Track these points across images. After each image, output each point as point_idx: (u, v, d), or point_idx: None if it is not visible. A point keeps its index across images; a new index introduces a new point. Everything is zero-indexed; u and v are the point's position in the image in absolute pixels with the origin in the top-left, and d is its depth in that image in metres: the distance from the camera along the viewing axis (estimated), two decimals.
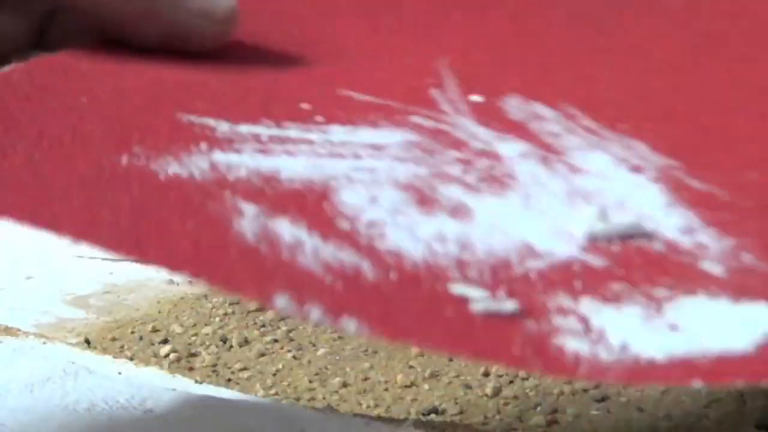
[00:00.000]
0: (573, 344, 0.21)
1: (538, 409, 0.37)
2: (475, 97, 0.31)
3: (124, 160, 0.25)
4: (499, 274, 0.23)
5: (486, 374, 0.41)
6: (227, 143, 0.27)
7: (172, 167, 0.26)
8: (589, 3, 0.38)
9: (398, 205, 0.26)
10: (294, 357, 0.46)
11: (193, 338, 0.49)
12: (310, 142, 0.28)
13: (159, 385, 0.41)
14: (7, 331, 0.49)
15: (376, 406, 0.40)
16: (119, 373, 0.43)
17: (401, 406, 0.40)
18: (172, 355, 0.47)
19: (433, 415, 0.38)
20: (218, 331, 0.49)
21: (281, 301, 0.20)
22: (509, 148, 0.29)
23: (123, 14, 0.30)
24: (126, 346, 0.48)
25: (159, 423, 0.37)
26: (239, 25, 0.32)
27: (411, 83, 0.32)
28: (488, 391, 0.39)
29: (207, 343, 0.48)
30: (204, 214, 0.24)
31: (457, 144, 0.29)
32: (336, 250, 0.23)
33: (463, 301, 0.22)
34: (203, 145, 0.27)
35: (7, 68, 0.28)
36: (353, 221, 0.25)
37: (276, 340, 0.47)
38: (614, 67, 0.34)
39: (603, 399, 0.38)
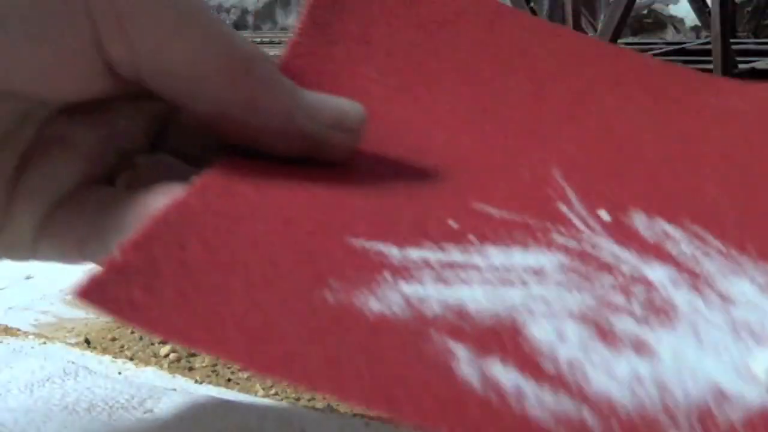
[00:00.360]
0: None
1: None
2: (603, 213, 0.32)
3: (328, 296, 0.25)
4: (705, 423, 0.24)
5: None
6: (406, 272, 0.27)
7: (371, 303, 0.26)
8: (667, 109, 0.38)
9: (585, 340, 0.26)
10: None
11: None
12: (478, 269, 0.28)
13: (159, 385, 0.41)
14: (7, 331, 0.49)
15: None
16: (119, 373, 0.43)
17: None
18: (172, 355, 0.47)
19: None
20: None
21: None
22: (657, 274, 0.29)
23: (260, 131, 0.30)
24: (126, 346, 0.48)
25: (159, 423, 0.37)
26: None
27: (536, 195, 0.33)
28: None
29: None
30: (425, 359, 0.24)
31: (607, 268, 0.30)
32: (554, 397, 0.24)
33: None
34: (387, 275, 0.27)
35: (181, 195, 0.27)
36: (555, 362, 0.25)
37: None
38: (718, 181, 0.34)
39: None
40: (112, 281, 0.23)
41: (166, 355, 0.47)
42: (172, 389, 0.40)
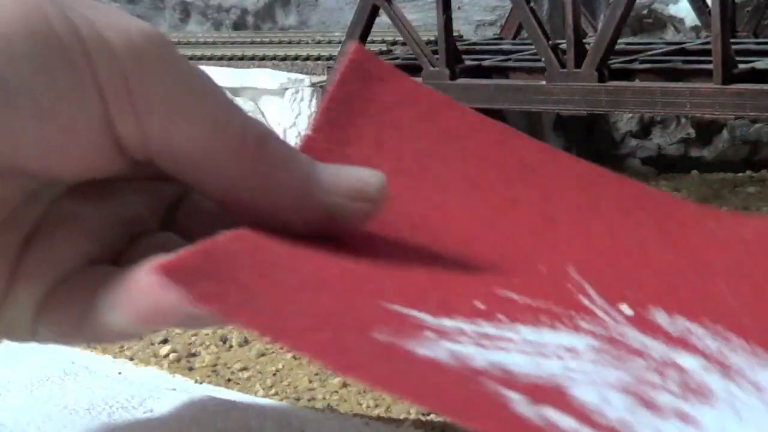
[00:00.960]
0: None
1: None
2: (624, 307, 0.32)
3: (378, 335, 0.25)
4: None
5: None
6: (446, 334, 0.27)
7: (420, 349, 0.26)
8: (669, 232, 0.38)
9: (630, 406, 0.26)
10: (294, 357, 0.46)
11: (193, 338, 0.49)
12: (513, 341, 0.28)
13: (159, 385, 0.41)
14: None
15: (376, 406, 0.40)
16: (119, 373, 0.43)
17: (401, 406, 0.40)
18: (172, 355, 0.47)
19: (433, 415, 0.38)
20: (218, 331, 0.49)
21: None
22: (688, 361, 0.30)
23: (276, 208, 0.29)
24: (126, 346, 0.48)
25: (159, 423, 0.37)
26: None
27: (556, 287, 0.33)
28: None
29: (207, 343, 0.48)
30: (478, 393, 0.24)
31: (638, 353, 0.29)
32: None
33: None
34: (429, 334, 0.27)
35: (201, 243, 0.26)
36: (606, 418, 0.25)
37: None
38: (725, 285, 0.34)
39: None
40: (195, 269, 0.24)
41: (166, 355, 0.47)
42: (172, 389, 0.40)
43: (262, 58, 1.39)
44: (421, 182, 0.36)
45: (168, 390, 0.40)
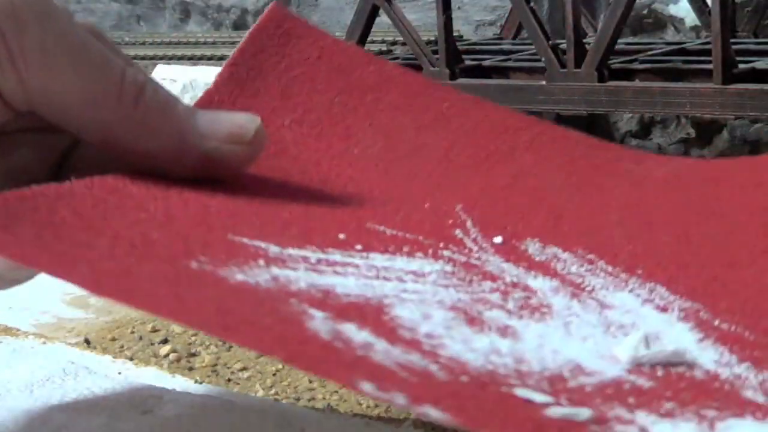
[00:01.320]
0: None
1: None
2: (497, 239, 0.34)
3: (194, 264, 0.27)
4: (556, 385, 0.25)
5: None
6: (281, 262, 0.29)
7: (237, 276, 0.27)
8: (581, 167, 0.40)
9: (450, 322, 0.27)
10: None
11: (193, 338, 0.49)
12: (356, 266, 0.30)
13: (159, 385, 0.41)
14: (7, 331, 0.49)
15: (376, 406, 0.40)
16: (119, 373, 0.43)
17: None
18: (172, 355, 0.47)
19: None
20: None
21: (366, 387, 0.22)
22: (540, 283, 0.31)
23: (155, 153, 0.31)
24: (126, 346, 0.48)
25: (159, 423, 0.37)
26: (262, 152, 0.33)
27: (434, 223, 0.34)
28: None
29: (207, 343, 0.48)
30: (278, 314, 0.25)
31: (491, 277, 0.31)
32: (404, 353, 0.25)
33: (530, 403, 0.24)
34: (261, 261, 0.28)
35: (66, 183, 0.29)
36: (413, 331, 0.26)
37: None
38: (618, 221, 0.36)
39: None
40: None
41: (166, 355, 0.47)
42: (172, 389, 0.40)
43: None
44: (328, 131, 0.38)
45: (168, 390, 0.40)
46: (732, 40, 0.96)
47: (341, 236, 0.31)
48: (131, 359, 0.46)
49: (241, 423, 0.37)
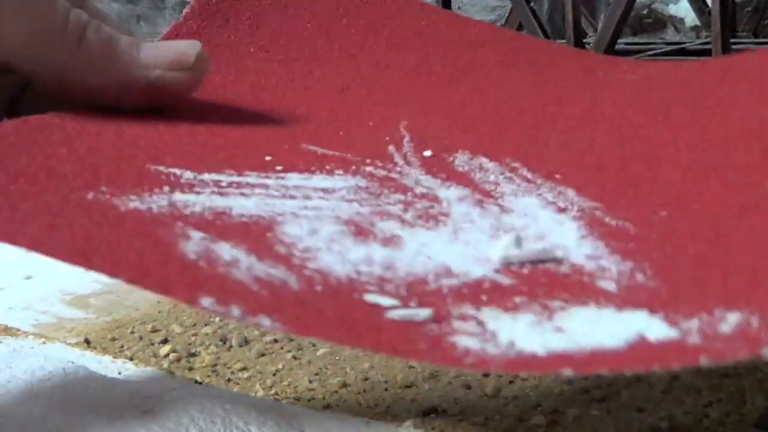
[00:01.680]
0: (465, 341, 0.24)
1: (538, 409, 0.37)
2: (427, 153, 0.35)
3: (90, 195, 0.28)
4: (413, 289, 0.26)
5: (486, 374, 0.41)
6: (189, 187, 0.30)
7: (133, 203, 0.28)
8: (547, 79, 0.41)
9: (335, 236, 0.29)
10: (294, 357, 0.46)
11: (193, 338, 0.49)
12: (266, 186, 0.31)
13: (159, 385, 0.41)
14: (7, 331, 0.49)
15: (376, 406, 0.40)
16: (119, 373, 0.43)
17: (401, 406, 0.40)
18: (172, 355, 0.47)
19: (433, 415, 0.38)
20: (218, 331, 0.49)
21: (206, 302, 0.23)
22: (449, 193, 0.32)
23: (103, 88, 0.33)
24: (126, 346, 0.48)
25: (159, 423, 0.37)
26: (206, 74, 0.35)
27: (372, 141, 0.36)
28: (488, 391, 0.39)
29: (207, 343, 0.48)
30: (153, 237, 0.26)
31: (403, 189, 0.32)
32: (268, 267, 0.26)
33: (375, 307, 0.25)
34: (165, 188, 0.30)
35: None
36: (290, 247, 0.28)
37: (276, 340, 0.47)
38: (563, 130, 0.37)
39: (603, 399, 0.38)
40: None
41: (166, 355, 0.47)
42: (172, 389, 0.40)
43: None
44: (293, 56, 0.39)
45: (168, 390, 0.40)
46: (732, 40, 0.96)
47: (267, 158, 0.33)
48: (131, 359, 0.46)
49: (241, 423, 0.37)
